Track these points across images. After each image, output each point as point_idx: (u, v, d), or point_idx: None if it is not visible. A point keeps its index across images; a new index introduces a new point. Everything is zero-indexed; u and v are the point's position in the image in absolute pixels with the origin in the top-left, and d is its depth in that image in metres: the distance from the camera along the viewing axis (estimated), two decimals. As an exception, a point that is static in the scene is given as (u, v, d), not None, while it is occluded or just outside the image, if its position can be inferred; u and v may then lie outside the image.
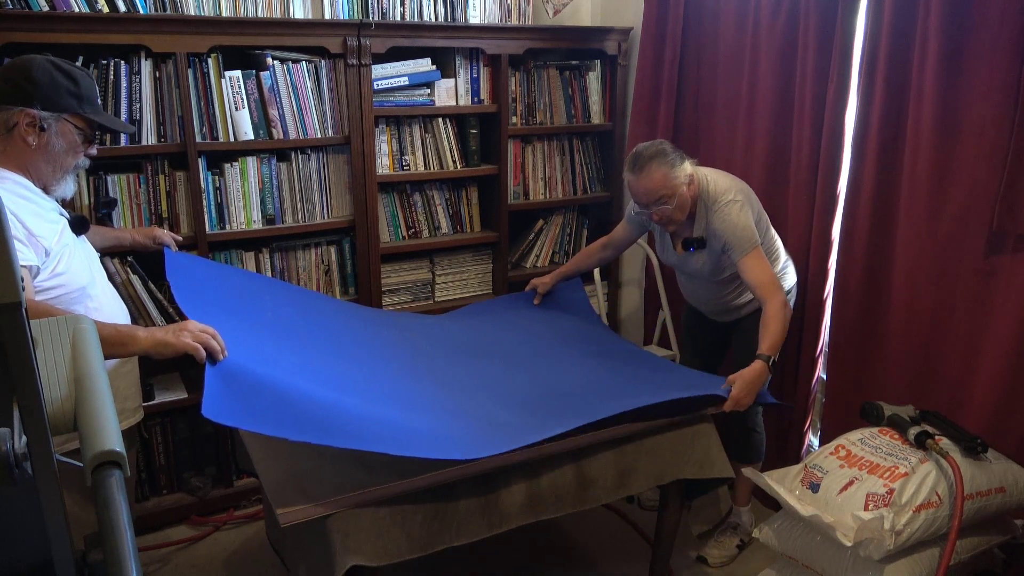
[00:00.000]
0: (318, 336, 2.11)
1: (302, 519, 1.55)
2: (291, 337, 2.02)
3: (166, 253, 2.13)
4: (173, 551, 2.61)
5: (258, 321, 2.02)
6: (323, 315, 2.29)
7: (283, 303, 2.23)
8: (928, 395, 2.24)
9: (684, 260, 2.43)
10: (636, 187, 2.24)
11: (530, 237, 3.34)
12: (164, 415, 2.70)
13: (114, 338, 1.57)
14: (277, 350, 1.89)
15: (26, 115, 1.64)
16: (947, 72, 2.09)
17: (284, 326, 2.07)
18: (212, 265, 2.38)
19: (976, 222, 2.09)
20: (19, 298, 0.67)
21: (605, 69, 3.30)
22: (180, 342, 1.60)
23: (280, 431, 1.55)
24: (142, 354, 1.63)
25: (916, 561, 1.79)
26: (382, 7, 2.90)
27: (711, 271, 2.38)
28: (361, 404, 1.75)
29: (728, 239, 2.24)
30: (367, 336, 2.26)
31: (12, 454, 0.65)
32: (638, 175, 2.21)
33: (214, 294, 2.05)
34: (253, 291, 2.23)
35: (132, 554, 0.68)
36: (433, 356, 2.22)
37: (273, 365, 1.77)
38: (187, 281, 1.99)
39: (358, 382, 1.90)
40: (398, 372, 2.05)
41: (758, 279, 2.21)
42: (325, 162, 2.79)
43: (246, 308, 2.08)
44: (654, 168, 2.19)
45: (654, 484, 2.02)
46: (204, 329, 1.64)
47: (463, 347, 2.33)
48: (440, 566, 2.37)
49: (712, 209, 2.27)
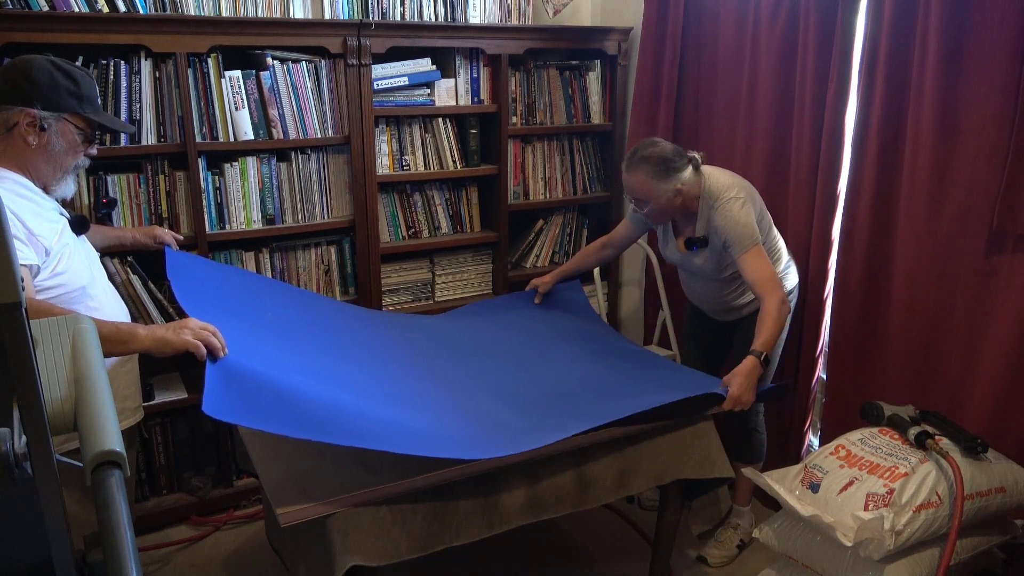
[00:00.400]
0: (318, 336, 2.11)
1: (302, 519, 1.55)
2: (291, 337, 2.02)
3: (167, 252, 2.13)
4: (173, 551, 2.61)
5: (258, 321, 2.02)
6: (323, 315, 2.29)
7: (283, 303, 2.24)
8: (928, 395, 2.24)
9: (687, 258, 2.43)
10: (623, 179, 2.32)
11: (530, 237, 3.34)
12: (164, 415, 2.70)
13: (114, 336, 1.56)
14: (277, 349, 1.89)
15: (26, 115, 1.64)
16: (947, 72, 2.09)
17: (284, 326, 2.07)
18: (213, 265, 2.39)
19: (976, 222, 2.09)
20: (19, 298, 0.67)
21: (605, 69, 3.30)
22: (180, 339, 1.60)
23: (280, 428, 1.56)
24: (142, 352, 1.63)
25: (916, 561, 1.79)
26: (382, 7, 2.90)
27: (713, 269, 2.38)
28: (362, 403, 1.76)
29: (729, 236, 2.24)
30: (367, 336, 2.26)
31: (12, 454, 0.65)
32: (626, 171, 2.28)
33: (214, 293, 2.05)
34: (253, 291, 2.23)
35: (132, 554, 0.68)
36: (433, 356, 2.22)
37: (273, 363, 1.77)
38: (188, 280, 2.00)
39: (359, 382, 1.90)
40: (398, 372, 2.05)
41: (757, 276, 2.20)
42: (325, 162, 2.79)
43: (246, 308, 2.08)
44: (641, 173, 2.23)
45: (654, 484, 2.02)
46: (204, 327, 1.64)
47: (463, 347, 2.33)
48: (440, 566, 2.37)
49: (714, 207, 2.27)
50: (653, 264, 3.18)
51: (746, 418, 2.51)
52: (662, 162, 2.21)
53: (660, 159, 2.21)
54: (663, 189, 2.23)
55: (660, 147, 2.25)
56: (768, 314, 2.14)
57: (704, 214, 2.31)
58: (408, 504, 1.65)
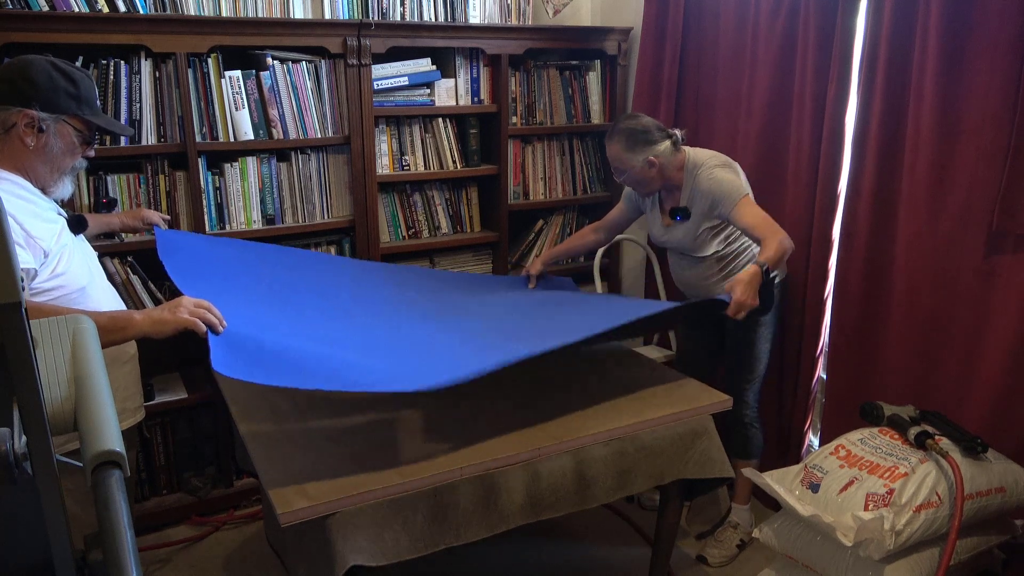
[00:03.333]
0: (314, 297, 2.19)
1: (302, 519, 1.55)
2: (285, 302, 2.07)
3: (156, 232, 2.14)
4: (173, 551, 2.61)
5: (253, 290, 2.07)
6: (319, 273, 2.35)
7: (277, 265, 2.29)
8: (928, 395, 2.24)
9: (671, 232, 2.48)
10: (606, 150, 2.44)
11: (530, 237, 3.34)
12: (164, 415, 2.70)
13: (110, 324, 1.54)
14: (272, 316, 1.94)
15: (24, 116, 1.63)
16: (947, 72, 2.09)
17: (280, 290, 2.13)
18: (203, 239, 2.39)
19: (976, 222, 2.09)
20: (19, 298, 0.67)
21: (605, 69, 3.30)
22: (178, 318, 1.58)
23: (282, 381, 1.57)
24: (141, 336, 1.60)
25: (916, 561, 1.79)
26: (382, 7, 2.90)
27: (695, 243, 2.43)
28: (350, 354, 1.81)
29: (716, 194, 2.30)
30: (361, 291, 2.34)
31: (12, 454, 0.65)
32: (606, 141, 2.43)
33: (207, 267, 2.07)
34: (246, 260, 2.27)
35: (132, 554, 0.68)
36: (423, 308, 2.31)
37: (270, 328, 1.81)
38: (179, 257, 2.01)
39: (352, 335, 1.98)
40: (384, 324, 2.13)
41: (754, 221, 2.21)
42: (325, 162, 2.79)
43: (240, 278, 2.11)
44: (615, 142, 2.38)
45: (654, 484, 2.02)
46: (199, 303, 1.63)
47: (450, 303, 2.40)
48: (440, 566, 2.37)
49: (697, 174, 2.36)
50: (653, 264, 3.18)
51: (741, 413, 2.52)
52: (636, 134, 2.35)
53: (634, 131, 2.36)
54: (636, 159, 2.36)
55: (638, 120, 2.39)
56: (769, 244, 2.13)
57: (688, 184, 2.38)
58: (408, 504, 1.65)
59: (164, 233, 2.15)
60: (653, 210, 2.55)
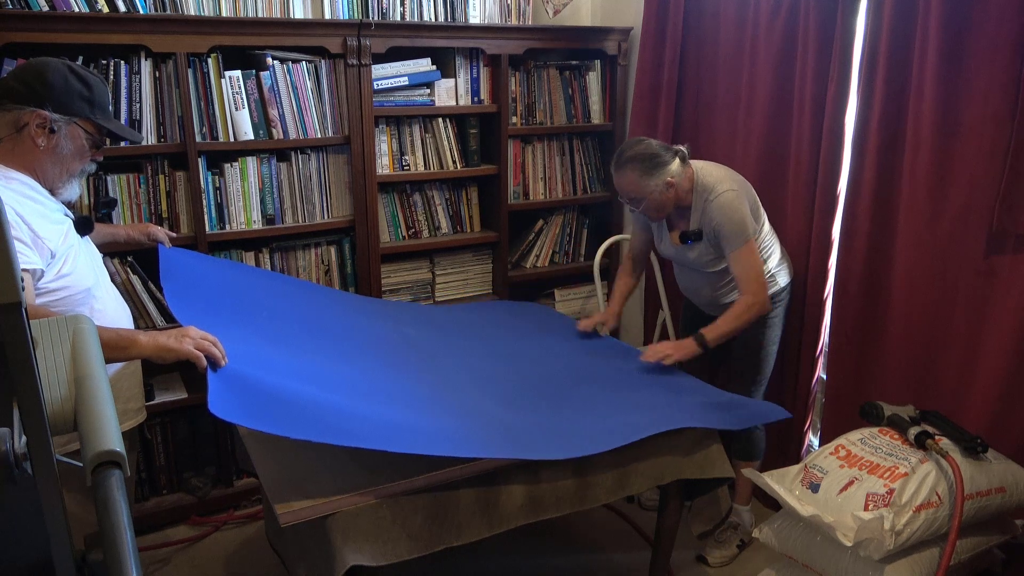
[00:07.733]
0: (316, 334, 2.11)
1: (302, 519, 1.55)
2: (289, 337, 2.02)
3: (160, 250, 2.13)
4: (173, 551, 2.60)
5: (255, 322, 2.02)
6: (320, 309, 2.30)
7: (280, 298, 2.24)
8: (928, 395, 2.24)
9: (681, 252, 2.46)
10: (615, 182, 2.37)
11: (530, 237, 3.34)
12: (164, 415, 2.70)
13: (115, 342, 1.56)
14: (275, 352, 1.89)
15: (37, 116, 1.65)
16: (947, 72, 2.09)
17: (281, 325, 2.07)
18: (206, 260, 2.37)
19: (976, 222, 2.09)
20: (19, 298, 0.67)
21: (605, 69, 3.30)
22: (183, 348, 1.60)
23: (282, 430, 1.56)
24: (143, 358, 1.63)
25: (916, 561, 1.79)
26: (382, 7, 2.90)
27: (708, 262, 2.41)
28: (360, 403, 1.76)
29: (723, 230, 2.28)
30: (364, 333, 2.26)
31: (12, 454, 0.65)
32: (615, 172, 2.34)
33: (208, 294, 2.05)
34: (249, 288, 2.23)
35: (132, 554, 0.68)
36: (434, 354, 2.23)
37: (271, 368, 1.77)
38: (180, 282, 1.98)
39: (356, 381, 1.90)
40: (397, 370, 2.05)
41: (744, 273, 2.27)
42: (325, 162, 2.79)
43: (242, 307, 2.07)
44: (628, 171, 2.29)
45: (654, 484, 2.02)
46: (205, 336, 1.64)
47: (465, 348, 2.33)
48: (440, 566, 2.37)
49: (708, 199, 2.31)
50: (653, 264, 3.18)
51: None
52: (648, 158, 2.27)
53: (646, 156, 2.27)
54: (653, 185, 2.28)
55: (645, 144, 2.31)
56: (734, 310, 2.26)
57: (698, 207, 2.34)
58: (408, 504, 1.65)
59: (167, 252, 2.13)
60: (661, 227, 2.51)
